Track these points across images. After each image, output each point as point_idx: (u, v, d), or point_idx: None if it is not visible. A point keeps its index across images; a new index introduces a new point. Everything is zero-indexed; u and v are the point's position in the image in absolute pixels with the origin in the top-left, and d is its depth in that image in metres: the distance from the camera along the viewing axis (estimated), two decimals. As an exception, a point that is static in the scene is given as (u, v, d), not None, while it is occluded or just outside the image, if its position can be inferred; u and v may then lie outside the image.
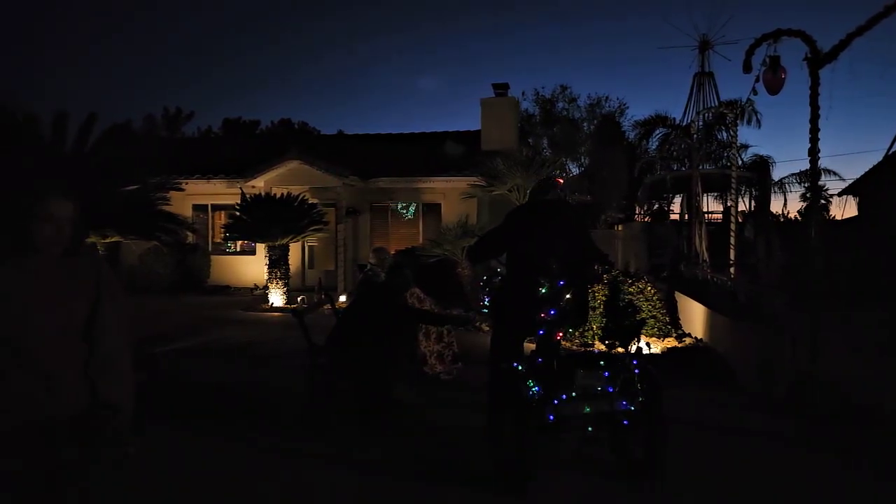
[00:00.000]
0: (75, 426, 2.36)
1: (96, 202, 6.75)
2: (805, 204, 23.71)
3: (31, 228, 2.32)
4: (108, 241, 8.73)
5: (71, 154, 7.92)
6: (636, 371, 4.21)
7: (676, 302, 10.87)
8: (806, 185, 22.88)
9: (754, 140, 69.82)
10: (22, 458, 2.27)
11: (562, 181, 5.00)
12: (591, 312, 5.15)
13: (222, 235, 16.08)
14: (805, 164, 6.63)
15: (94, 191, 7.16)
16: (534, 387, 4.18)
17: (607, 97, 29.06)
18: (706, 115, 20.96)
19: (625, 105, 29.29)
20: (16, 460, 2.26)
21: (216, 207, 18.03)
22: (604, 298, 7.19)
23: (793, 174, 27.22)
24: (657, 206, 24.85)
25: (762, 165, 25.42)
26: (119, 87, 76.67)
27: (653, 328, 9.70)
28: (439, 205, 17.04)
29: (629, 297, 9.47)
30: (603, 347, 4.59)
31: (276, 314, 12.92)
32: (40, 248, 2.34)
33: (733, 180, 11.44)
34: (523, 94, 31.12)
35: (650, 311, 9.74)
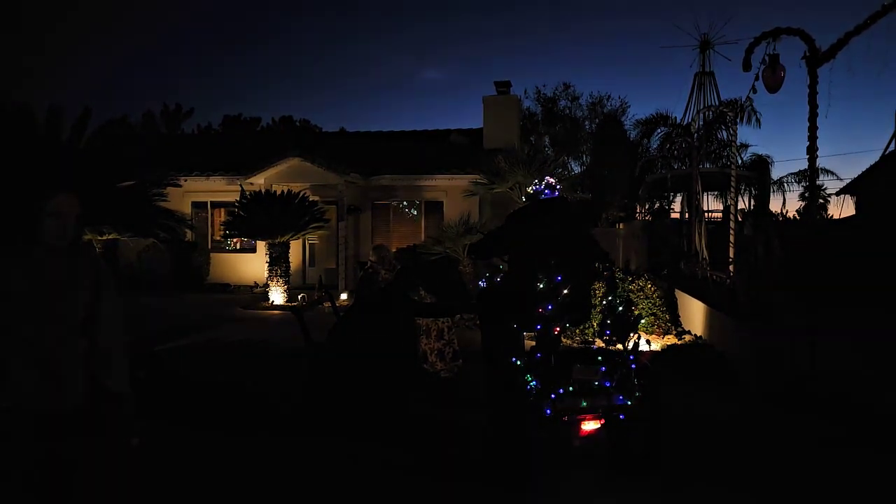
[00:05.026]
0: (80, 416, 2.41)
1: (92, 198, 6.73)
2: (804, 203, 23.78)
3: (38, 223, 2.38)
4: (104, 238, 8.65)
5: (66, 149, 7.86)
6: (633, 366, 4.23)
7: (676, 300, 10.88)
8: (804, 184, 22.86)
9: (754, 140, 70.08)
10: (29, 451, 2.31)
11: (553, 180, 5.02)
12: (592, 310, 5.16)
13: (222, 233, 16.08)
14: (803, 164, 6.65)
15: (90, 187, 7.12)
16: (532, 381, 4.20)
17: (609, 96, 29.07)
18: (707, 114, 20.96)
19: (626, 104, 29.31)
20: (24, 453, 2.30)
21: (216, 205, 18.02)
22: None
23: (791, 174, 27.38)
24: (658, 204, 24.86)
25: (761, 165, 25.46)
26: (118, 84, 76.63)
27: (653, 326, 9.72)
28: (441, 202, 17.04)
29: (630, 294, 9.49)
30: (602, 344, 4.61)
31: (276, 312, 12.94)
32: (46, 242, 2.40)
33: (733, 179, 11.47)
34: (525, 92, 31.17)
35: (650, 309, 9.76)
